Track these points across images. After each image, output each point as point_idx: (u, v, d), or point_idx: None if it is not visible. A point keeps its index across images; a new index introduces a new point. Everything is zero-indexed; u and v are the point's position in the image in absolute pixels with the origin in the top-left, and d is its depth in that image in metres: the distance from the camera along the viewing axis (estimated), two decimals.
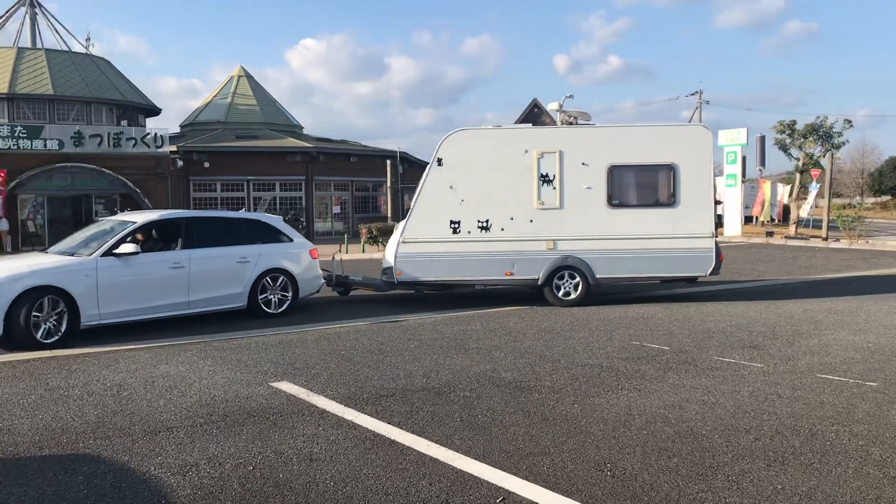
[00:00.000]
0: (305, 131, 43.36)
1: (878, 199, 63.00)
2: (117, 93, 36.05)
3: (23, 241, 28.79)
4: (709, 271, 12.11)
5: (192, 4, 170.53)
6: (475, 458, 4.91)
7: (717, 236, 12.32)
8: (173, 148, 32.37)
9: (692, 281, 12.82)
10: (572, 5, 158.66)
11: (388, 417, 5.85)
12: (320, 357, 8.17)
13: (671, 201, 12.08)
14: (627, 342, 8.88)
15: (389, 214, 33.78)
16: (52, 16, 43.48)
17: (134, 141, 30.54)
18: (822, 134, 31.78)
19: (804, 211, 32.10)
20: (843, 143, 32.07)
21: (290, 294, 11.55)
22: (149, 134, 31.04)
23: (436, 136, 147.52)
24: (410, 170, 40.63)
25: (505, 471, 4.69)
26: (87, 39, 38.75)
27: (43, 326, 9.02)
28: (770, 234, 30.33)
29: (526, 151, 12.15)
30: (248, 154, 34.49)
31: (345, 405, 6.21)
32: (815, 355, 8.01)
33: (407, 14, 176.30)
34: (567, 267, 12.12)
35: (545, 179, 12.11)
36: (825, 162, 30.64)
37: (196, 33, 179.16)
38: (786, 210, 37.47)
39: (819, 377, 7.02)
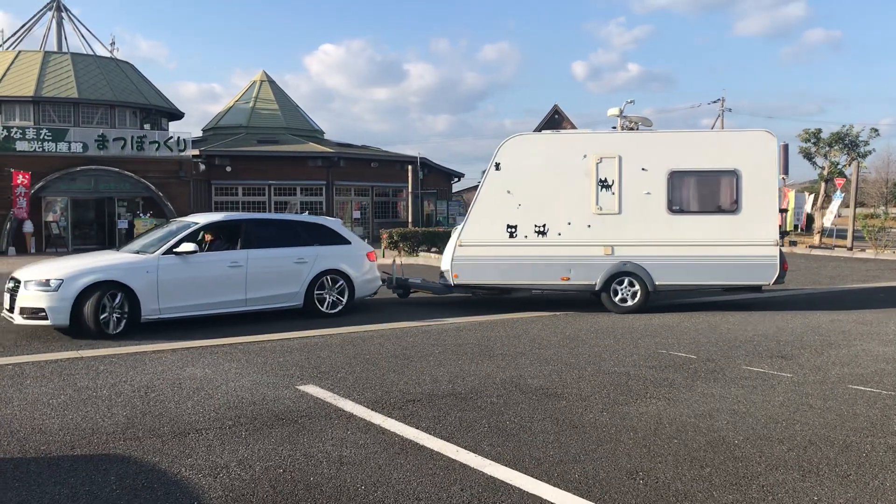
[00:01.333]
0: (325, 136, 43.53)
1: None
2: (141, 96, 36.37)
3: (46, 242, 29.05)
4: (772, 280, 11.82)
5: (212, 10, 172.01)
6: (505, 465, 4.88)
7: (782, 244, 12.16)
8: (196, 152, 32.58)
9: (756, 290, 12.46)
10: (591, 12, 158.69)
11: (416, 422, 5.83)
12: (345, 361, 8.17)
13: (734, 208, 11.83)
14: (654, 350, 8.82)
15: (410, 220, 33.81)
16: (78, 20, 43.96)
17: (157, 144, 30.77)
18: (848, 143, 31.50)
19: (827, 220, 31.81)
20: (869, 152, 31.77)
21: (345, 295, 11.80)
22: (171, 137, 31.26)
23: (454, 142, 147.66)
24: (430, 175, 40.68)
25: (536, 478, 4.66)
26: (112, 43, 39.11)
27: (109, 318, 9.71)
28: (794, 243, 30.07)
29: (584, 156, 12.10)
30: (270, 158, 34.66)
31: (372, 409, 6.20)
32: (846, 366, 7.91)
33: (425, 21, 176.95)
34: (625, 273, 12.00)
35: (604, 184, 12.03)
36: (850, 171, 30.34)
37: (215, 38, 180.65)
38: (809, 219, 37.14)
39: (850, 388, 6.93)
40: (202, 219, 11.40)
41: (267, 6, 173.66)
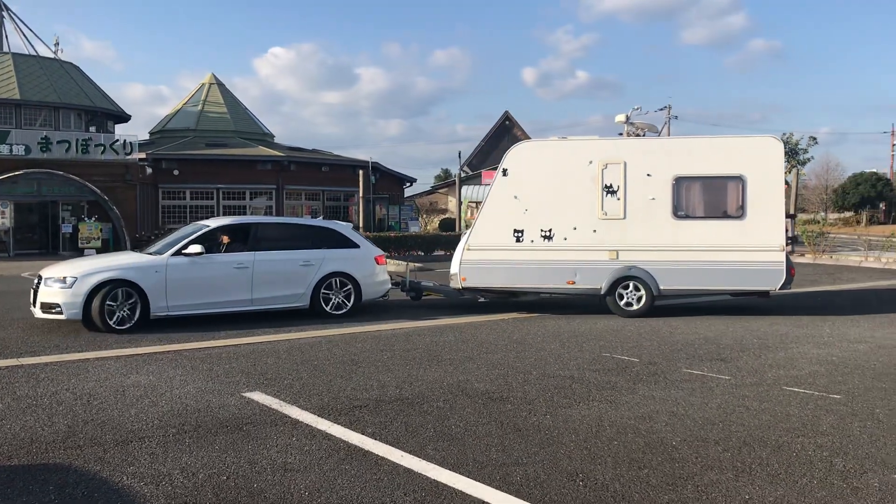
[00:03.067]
0: (276, 140, 43.18)
1: (842, 215, 64.14)
2: (86, 98, 35.65)
3: None
4: (779, 286, 11.85)
5: (158, 10, 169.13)
6: (449, 469, 4.95)
7: (792, 250, 12.36)
8: (142, 155, 32.06)
9: (763, 296, 12.52)
10: (539, 19, 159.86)
11: (362, 428, 5.86)
12: (292, 367, 8.15)
13: (739, 213, 11.91)
14: (598, 354, 8.98)
15: (361, 224, 33.73)
16: (19, 19, 42.93)
17: (102, 147, 30.18)
18: (788, 150, 32.40)
19: None
20: (809, 160, 32.76)
21: (352, 297, 12.13)
22: (118, 140, 30.71)
23: (406, 146, 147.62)
24: (382, 180, 40.63)
25: (479, 481, 4.73)
26: (56, 44, 38.29)
27: (117, 314, 10.38)
28: None
29: (590, 162, 12.27)
30: (219, 162, 34.26)
31: (318, 415, 6.21)
32: (782, 368, 8.17)
33: (376, 25, 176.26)
34: (630, 278, 12.14)
35: (609, 190, 12.18)
36: (790, 178, 31.20)
37: (163, 40, 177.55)
38: None
39: (785, 390, 7.16)
40: (213, 222, 12.02)
41: (215, 8, 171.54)
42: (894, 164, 67.76)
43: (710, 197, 12.16)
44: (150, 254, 11.37)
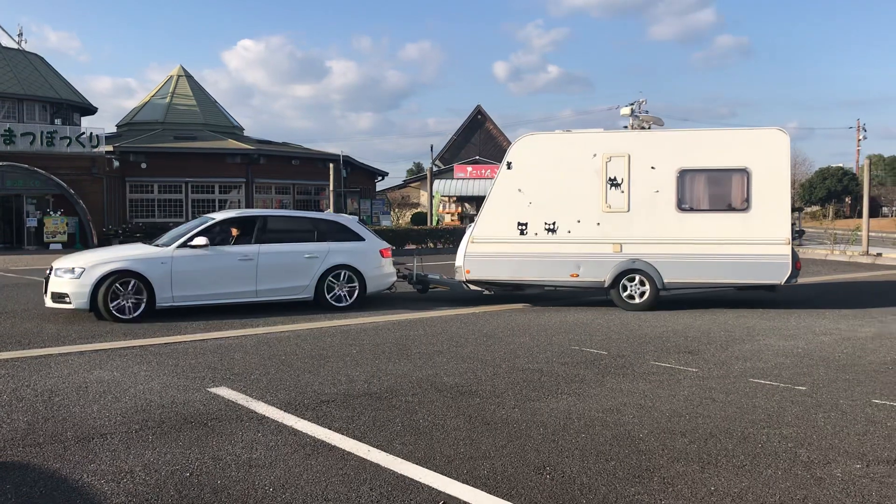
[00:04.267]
0: (246, 133, 42.79)
1: (809, 209, 65.11)
2: (51, 90, 35.06)
3: None
4: (784, 279, 11.79)
5: (125, 0, 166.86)
6: (416, 463, 4.92)
7: (800, 244, 12.28)
8: (109, 148, 31.58)
9: (770, 290, 12.48)
10: (509, 13, 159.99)
11: (329, 423, 5.81)
12: (259, 362, 8.07)
13: (744, 206, 11.85)
14: (567, 347, 9.00)
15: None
16: None
17: (68, 140, 29.71)
18: None
19: None
20: None
21: (356, 289, 12.26)
22: (84, 133, 30.24)
23: (378, 140, 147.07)
24: (353, 174, 40.45)
25: (446, 475, 4.71)
26: (20, 35, 37.60)
27: (123, 304, 10.74)
28: None
29: (594, 155, 12.24)
30: (187, 155, 33.85)
31: (284, 411, 6.15)
32: (748, 360, 8.24)
33: (347, 18, 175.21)
34: (634, 270, 12.11)
35: (613, 183, 12.15)
36: None
37: (130, 31, 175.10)
38: None
39: (751, 381, 7.22)
40: (219, 215, 12.28)
41: None
42: (860, 159, 68.84)
43: (715, 190, 12.07)
44: (158, 246, 11.64)
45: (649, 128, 13.07)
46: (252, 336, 9.73)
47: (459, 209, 50.70)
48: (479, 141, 59.78)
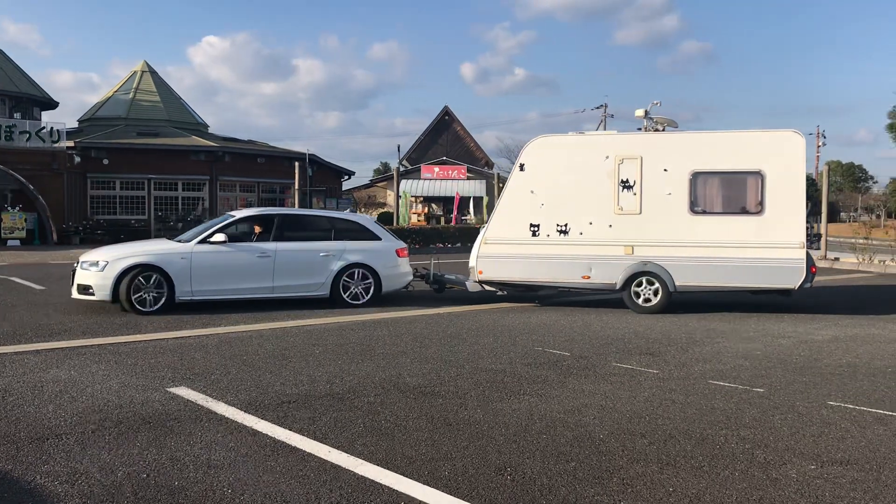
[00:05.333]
0: (210, 130, 42.34)
1: None
2: (10, 84, 34.36)
3: None
4: (799, 283, 11.58)
5: None
6: (377, 464, 4.90)
7: (819, 247, 12.11)
8: (70, 143, 31.07)
9: (785, 294, 12.20)
10: (477, 15, 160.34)
11: (290, 423, 5.77)
12: (221, 362, 7.99)
13: (758, 209, 11.70)
14: (530, 348, 9.03)
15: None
16: None
17: (28, 135, 29.17)
18: None
19: None
20: None
21: (371, 287, 12.54)
22: (44, 128, 29.71)
23: (345, 139, 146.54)
24: (319, 173, 40.22)
25: (407, 476, 4.69)
26: None
27: (144, 297, 11.18)
28: None
29: (607, 157, 12.22)
30: (150, 152, 33.41)
31: (245, 411, 6.09)
32: (708, 362, 8.34)
33: (313, 16, 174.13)
34: (646, 273, 12.07)
35: (625, 185, 12.12)
36: None
37: (92, 25, 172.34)
38: None
39: (710, 383, 7.31)
40: (238, 213, 12.81)
41: None
42: (819, 166, 70.08)
43: (728, 192, 11.96)
44: (180, 241, 11.98)
45: (663, 129, 12.94)
46: (213, 335, 9.62)
47: (426, 209, 50.69)
48: (447, 142, 59.84)
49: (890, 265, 21.83)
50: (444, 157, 54.45)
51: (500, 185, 44.62)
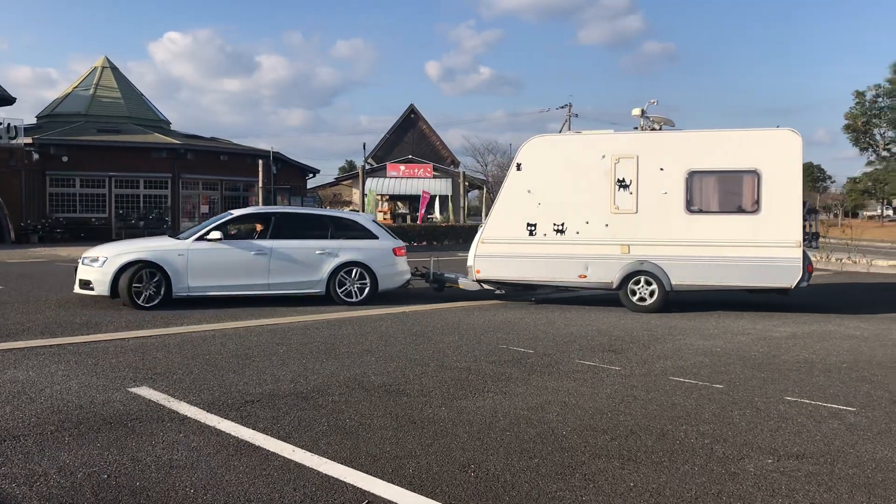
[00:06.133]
0: (173, 127, 41.85)
1: None
2: None
3: None
4: (795, 282, 11.61)
5: None
6: (341, 463, 4.90)
7: (816, 246, 12.12)
8: (29, 140, 30.51)
9: (783, 293, 12.22)
10: (442, 14, 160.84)
11: (253, 423, 5.74)
12: (183, 362, 7.91)
13: (754, 208, 11.74)
14: (495, 346, 9.09)
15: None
16: None
17: None
18: None
19: None
20: None
21: (367, 286, 12.64)
22: (1, 124, 29.09)
23: (309, 137, 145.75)
24: (283, 170, 39.96)
25: (371, 474, 4.70)
26: None
27: (143, 293, 11.55)
28: None
29: (603, 156, 12.26)
30: (111, 149, 32.93)
31: (207, 411, 6.04)
32: (669, 359, 8.46)
33: (277, 13, 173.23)
34: (642, 272, 12.09)
35: (622, 184, 12.15)
36: None
37: (51, 19, 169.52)
38: None
39: (671, 380, 7.42)
40: (237, 212, 13.16)
41: None
42: None
43: (724, 191, 12.01)
44: (179, 239, 12.31)
45: (660, 129, 12.94)
46: (175, 335, 9.53)
47: (392, 208, 50.60)
48: (412, 140, 59.78)
49: (847, 263, 22.30)
50: (410, 156, 54.43)
51: (466, 183, 44.75)
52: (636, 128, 13.12)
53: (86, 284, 11.68)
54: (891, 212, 79.62)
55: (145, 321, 10.47)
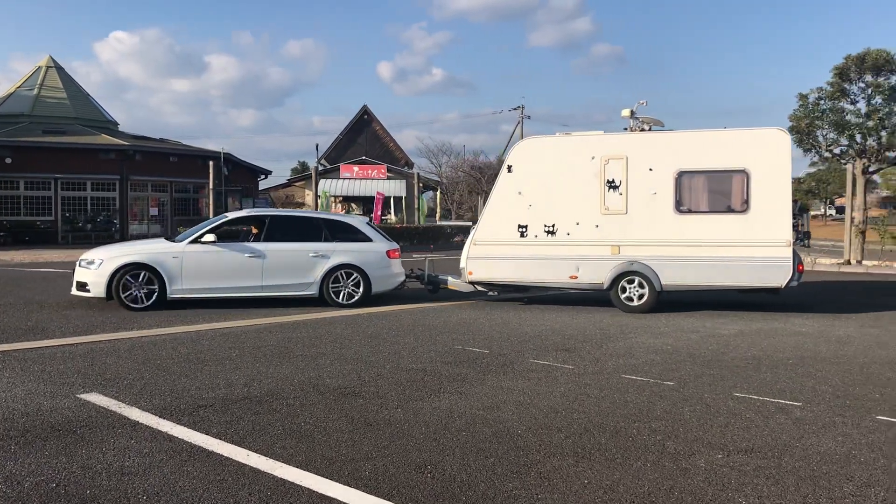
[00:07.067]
0: (121, 128, 41.06)
1: None
2: None
3: None
4: (785, 282, 11.63)
5: None
6: (297, 466, 4.87)
7: (807, 246, 12.22)
8: None
9: (773, 293, 12.26)
10: (393, 15, 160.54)
11: (207, 428, 5.67)
12: (134, 367, 7.78)
13: (744, 208, 11.76)
14: (451, 346, 9.11)
15: (212, 217, 32.60)
16: None
17: None
18: None
19: None
20: None
21: (360, 288, 12.72)
22: None
23: (261, 138, 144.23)
24: (235, 172, 39.49)
25: (327, 477, 4.68)
26: None
27: (136, 294, 11.78)
28: None
29: (592, 158, 12.27)
30: (57, 150, 32.19)
31: (160, 416, 5.95)
32: (621, 357, 8.58)
33: (224, 12, 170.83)
34: (632, 272, 12.11)
35: (611, 185, 12.16)
36: None
37: None
38: None
39: (624, 377, 7.52)
40: (231, 214, 13.45)
41: None
42: None
43: (714, 191, 12.03)
44: (174, 241, 12.46)
45: (649, 129, 12.97)
46: (126, 340, 9.36)
47: (346, 209, 50.34)
48: (366, 141, 59.56)
49: None
50: (364, 157, 54.21)
51: (421, 184, 44.74)
52: (626, 128, 13.18)
53: (82, 286, 11.87)
54: (833, 211, 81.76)
55: (94, 326, 10.27)
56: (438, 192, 52.97)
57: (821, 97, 25.68)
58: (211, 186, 28.38)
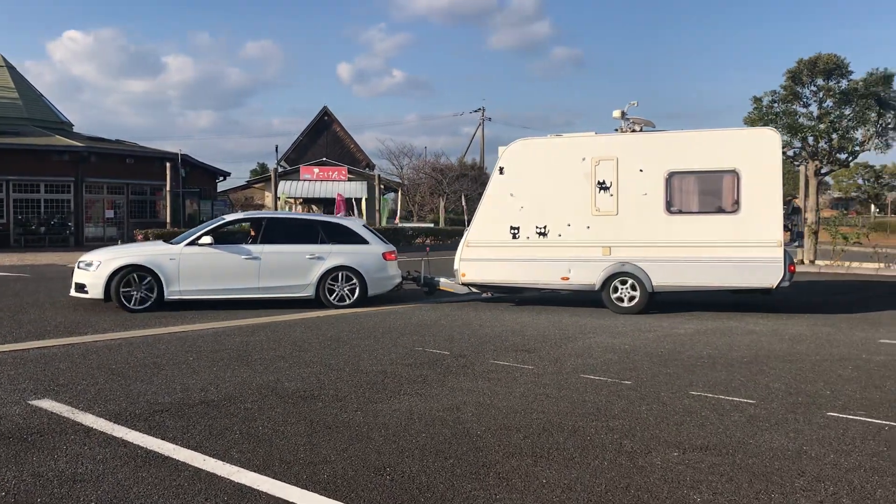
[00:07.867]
0: (75, 129, 40.31)
1: None
2: None
3: None
4: (777, 282, 11.57)
5: None
6: (254, 471, 4.82)
7: (801, 245, 12.23)
8: None
9: (766, 293, 12.21)
10: (352, 17, 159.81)
11: (162, 433, 5.59)
12: (87, 372, 7.64)
13: (734, 208, 11.72)
14: (411, 348, 9.10)
15: (169, 220, 32.18)
16: None
17: None
18: None
19: None
20: None
21: (356, 290, 12.76)
22: None
23: (220, 139, 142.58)
24: (193, 173, 38.99)
25: (285, 481, 4.65)
26: None
27: (134, 295, 11.93)
28: None
29: (583, 159, 12.25)
30: (9, 152, 31.45)
31: (114, 422, 5.86)
32: (580, 357, 8.65)
33: (181, 11, 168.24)
34: (623, 273, 12.09)
35: (602, 186, 12.15)
36: None
37: None
38: None
39: (582, 377, 7.59)
40: (228, 216, 13.65)
41: None
42: None
43: (704, 192, 12.02)
44: (171, 243, 12.57)
45: (640, 130, 12.93)
46: (80, 345, 9.19)
47: (307, 211, 50.01)
48: (326, 142, 59.24)
49: None
50: (325, 158, 53.88)
51: (381, 186, 44.62)
52: (617, 129, 13.17)
53: (80, 288, 11.97)
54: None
55: (48, 331, 10.07)
56: (400, 194, 52.86)
57: (774, 100, 26.16)
58: (168, 188, 28.01)
